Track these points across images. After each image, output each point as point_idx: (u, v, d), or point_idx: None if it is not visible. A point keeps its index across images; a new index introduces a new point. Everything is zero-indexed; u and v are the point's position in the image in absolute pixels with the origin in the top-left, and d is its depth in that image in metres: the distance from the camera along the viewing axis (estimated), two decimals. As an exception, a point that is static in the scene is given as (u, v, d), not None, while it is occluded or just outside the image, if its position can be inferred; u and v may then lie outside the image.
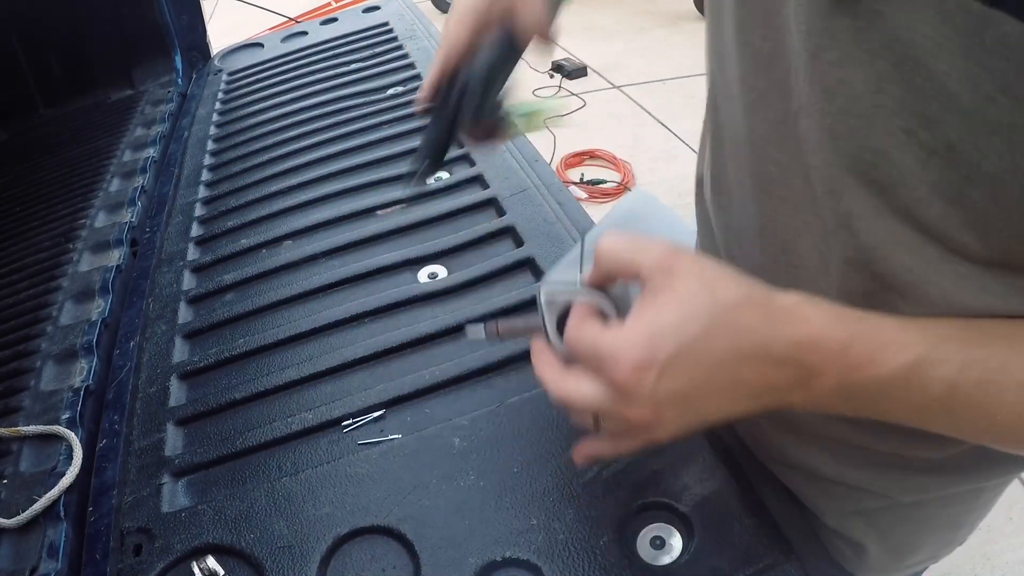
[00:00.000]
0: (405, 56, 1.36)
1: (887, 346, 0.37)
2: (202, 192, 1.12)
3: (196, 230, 1.03)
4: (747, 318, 0.38)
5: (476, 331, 0.51)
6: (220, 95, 1.42)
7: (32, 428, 0.75)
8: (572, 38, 4.23)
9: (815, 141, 0.42)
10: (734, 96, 0.50)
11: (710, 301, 0.38)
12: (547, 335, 0.46)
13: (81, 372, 0.83)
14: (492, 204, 0.93)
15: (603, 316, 0.44)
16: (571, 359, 0.43)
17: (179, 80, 1.56)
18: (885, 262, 0.41)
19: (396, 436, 0.66)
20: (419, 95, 0.62)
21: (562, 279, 0.46)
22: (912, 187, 0.38)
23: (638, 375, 0.38)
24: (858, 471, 0.56)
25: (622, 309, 0.44)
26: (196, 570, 0.59)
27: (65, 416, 0.76)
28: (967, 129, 0.34)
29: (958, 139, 0.34)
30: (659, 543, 0.54)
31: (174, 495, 0.66)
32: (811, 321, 0.38)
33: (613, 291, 0.45)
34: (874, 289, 0.43)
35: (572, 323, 0.43)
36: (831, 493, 0.59)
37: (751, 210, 0.52)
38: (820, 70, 0.39)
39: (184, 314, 0.88)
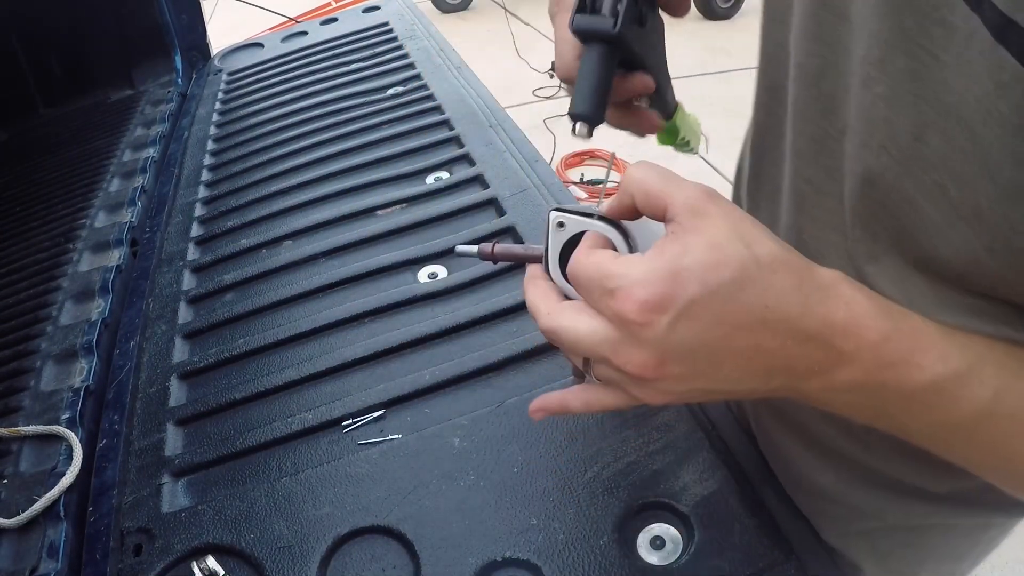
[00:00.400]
0: (405, 56, 1.36)
1: (927, 351, 0.34)
2: (202, 192, 1.12)
3: (196, 230, 1.03)
4: (782, 281, 0.34)
5: (467, 250, 0.48)
6: (220, 95, 1.42)
7: (32, 428, 0.75)
8: (572, 38, 4.23)
9: (852, 166, 0.40)
10: (782, 101, 0.48)
11: (745, 253, 0.34)
12: (547, 265, 0.41)
13: (81, 372, 0.83)
14: (492, 204, 0.93)
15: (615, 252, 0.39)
16: (570, 295, 0.38)
17: (179, 80, 1.56)
18: (900, 302, 0.39)
19: (396, 436, 0.66)
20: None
21: (577, 207, 0.40)
22: (934, 242, 0.36)
23: (650, 314, 0.33)
24: (861, 491, 0.54)
25: (640, 251, 0.38)
26: (196, 570, 0.59)
27: (65, 416, 0.76)
28: (1001, 200, 0.31)
29: (989, 208, 0.32)
30: (659, 543, 0.54)
31: (174, 495, 0.66)
32: (852, 304, 0.34)
33: (632, 228, 0.40)
34: None
35: (582, 248, 0.38)
36: (831, 511, 0.57)
37: (783, 220, 0.51)
38: (868, 100, 0.37)
39: (184, 314, 0.88)
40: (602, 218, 0.39)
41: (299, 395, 0.74)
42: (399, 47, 1.40)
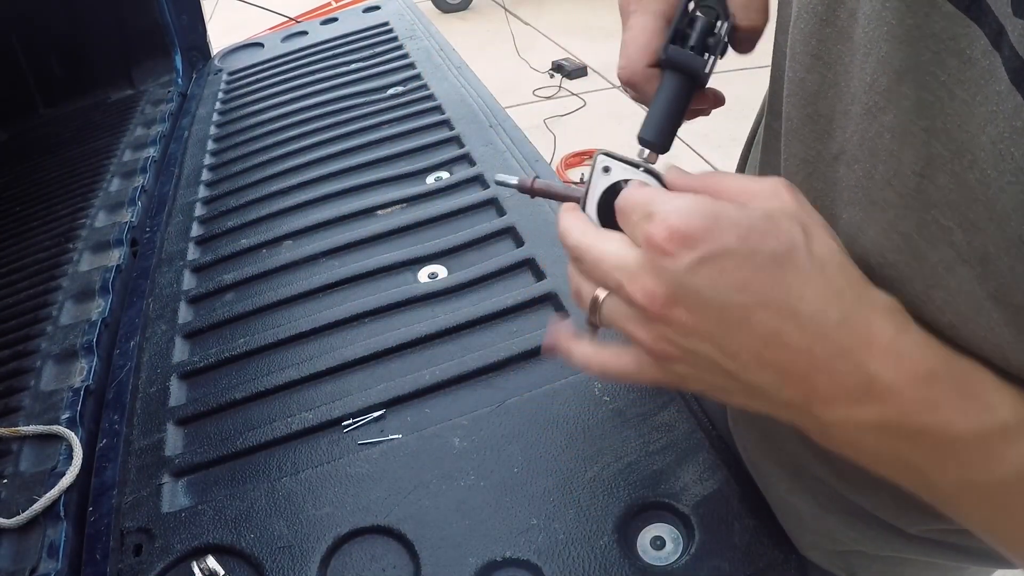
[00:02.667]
0: (405, 56, 1.36)
1: (976, 397, 0.30)
2: (202, 192, 1.12)
3: (196, 230, 1.03)
4: (829, 281, 0.31)
5: (507, 179, 0.48)
6: (220, 95, 1.42)
7: (32, 428, 0.75)
8: (572, 38, 4.24)
9: (849, 194, 0.37)
10: (779, 115, 0.46)
11: (800, 238, 0.32)
12: (584, 204, 0.40)
13: (81, 372, 0.83)
14: (492, 204, 0.93)
15: None
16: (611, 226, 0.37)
17: (179, 80, 1.56)
18: None
19: (396, 436, 0.66)
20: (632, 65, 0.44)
21: (624, 156, 0.39)
22: (929, 285, 0.33)
23: (676, 244, 0.31)
24: (835, 518, 0.51)
25: None
26: (196, 570, 0.59)
27: (65, 416, 0.76)
28: (1008, 249, 0.29)
29: (995, 254, 0.29)
30: (659, 543, 0.54)
31: (174, 495, 0.66)
32: (900, 330, 0.31)
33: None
34: None
35: (634, 183, 0.37)
36: (810, 529, 0.55)
37: None
38: (873, 130, 0.34)
39: (184, 314, 0.88)
40: (648, 170, 0.38)
41: (299, 395, 0.74)
42: (399, 47, 1.40)
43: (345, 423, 0.69)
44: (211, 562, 0.59)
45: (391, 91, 1.25)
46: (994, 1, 0.28)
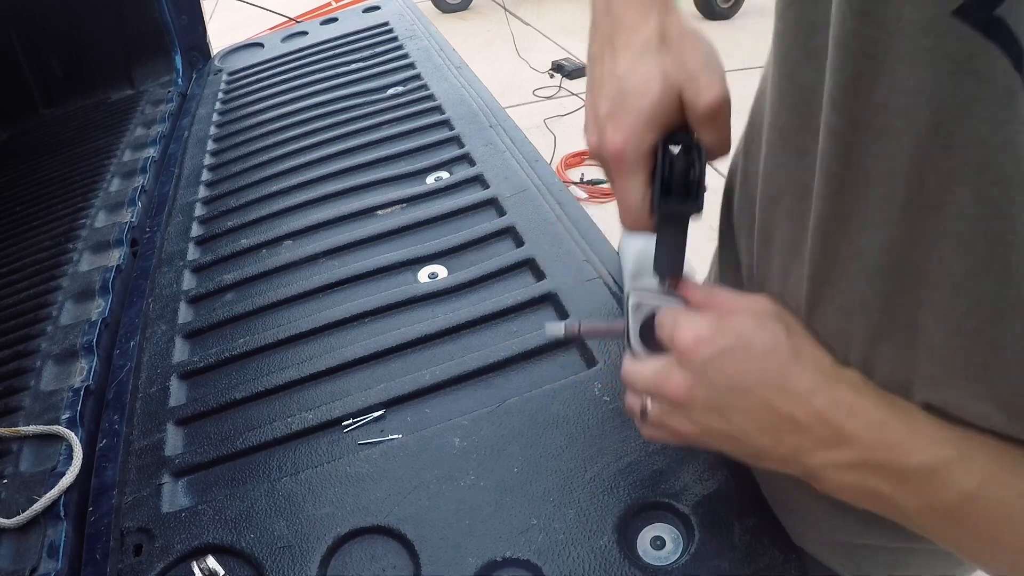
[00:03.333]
0: (405, 56, 1.36)
1: (918, 436, 0.38)
2: (202, 192, 1.12)
3: (196, 230, 1.03)
4: (804, 364, 0.41)
5: (556, 328, 0.55)
6: (220, 95, 1.42)
7: (32, 428, 0.75)
8: (572, 38, 4.24)
9: (872, 217, 0.39)
10: (766, 124, 0.46)
11: (782, 334, 0.42)
12: (628, 338, 0.48)
13: (81, 372, 0.83)
14: (492, 204, 0.93)
15: None
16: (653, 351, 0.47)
17: (179, 80, 1.56)
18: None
19: (396, 436, 0.66)
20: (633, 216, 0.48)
21: (647, 287, 0.48)
22: (930, 304, 0.36)
23: (696, 343, 0.43)
24: (838, 510, 0.51)
25: None
26: (196, 570, 0.59)
27: (65, 416, 0.76)
28: None
29: (1017, 264, 0.32)
30: (659, 543, 0.54)
31: (174, 495, 0.66)
32: (859, 392, 0.40)
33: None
34: None
35: (663, 310, 0.47)
36: (816, 523, 0.55)
37: (746, 248, 0.51)
38: (892, 149, 0.36)
39: (184, 314, 0.88)
40: (671, 295, 0.48)
41: (299, 395, 0.74)
42: (399, 47, 1.40)
43: (345, 423, 0.69)
44: (211, 562, 0.59)
45: (391, 91, 1.25)
46: (1016, 22, 0.28)
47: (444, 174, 1.02)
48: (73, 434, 0.73)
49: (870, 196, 0.37)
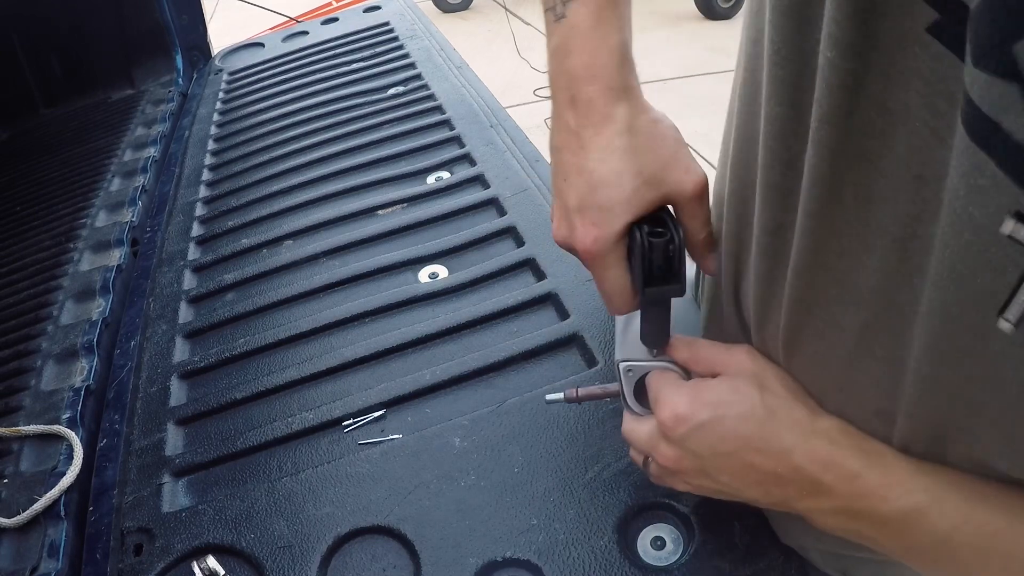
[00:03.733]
0: (406, 56, 1.36)
1: (892, 486, 0.39)
2: (203, 192, 1.12)
3: (197, 229, 1.03)
4: (779, 423, 0.43)
5: (555, 397, 0.59)
6: (221, 95, 1.42)
7: (33, 428, 0.75)
8: (573, 38, 4.23)
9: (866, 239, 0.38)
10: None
11: (756, 397, 0.44)
12: (624, 399, 0.52)
13: (82, 372, 0.83)
14: (493, 204, 0.93)
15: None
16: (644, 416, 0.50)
17: (180, 80, 1.56)
18: None
19: (396, 436, 0.66)
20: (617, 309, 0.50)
21: (635, 354, 0.52)
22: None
23: (674, 422, 0.45)
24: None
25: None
26: (196, 570, 0.59)
27: (66, 416, 0.76)
28: (973, 306, 0.31)
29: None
30: (659, 543, 0.54)
31: (174, 495, 0.66)
32: (835, 444, 0.42)
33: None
34: None
35: (656, 375, 0.49)
36: (808, 530, 0.56)
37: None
38: (867, 175, 0.34)
39: (185, 314, 0.88)
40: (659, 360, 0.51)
41: (299, 395, 0.74)
42: (400, 47, 1.40)
43: (345, 423, 0.69)
44: (211, 562, 0.59)
45: (392, 91, 1.25)
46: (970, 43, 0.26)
47: (445, 174, 1.02)
48: (73, 434, 0.73)
49: (855, 221, 0.36)
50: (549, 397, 0.59)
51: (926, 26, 0.28)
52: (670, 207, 0.46)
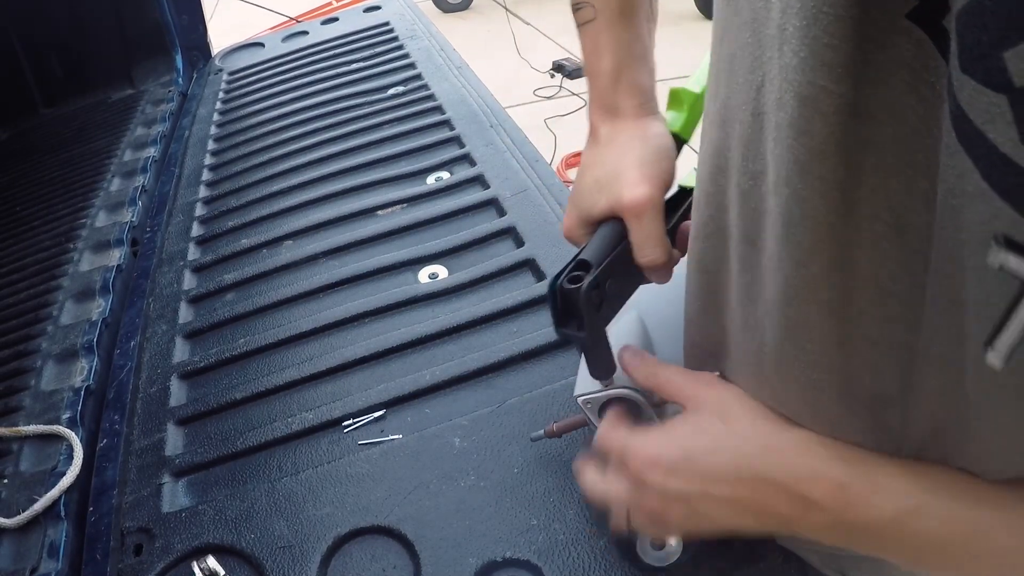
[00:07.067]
0: (406, 56, 1.36)
1: (879, 492, 0.39)
2: (203, 192, 1.12)
3: (197, 230, 1.03)
4: (751, 448, 0.43)
5: (538, 435, 0.60)
6: (221, 95, 1.42)
7: (33, 428, 0.75)
8: (573, 38, 4.23)
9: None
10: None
11: (721, 428, 0.44)
12: (594, 426, 0.52)
13: (81, 372, 0.83)
14: (493, 204, 0.93)
15: (635, 407, 0.51)
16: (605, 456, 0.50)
17: (180, 80, 1.56)
18: None
19: (396, 436, 0.67)
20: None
21: (590, 387, 0.52)
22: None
23: (648, 469, 0.44)
24: None
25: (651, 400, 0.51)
26: (196, 570, 0.59)
27: (66, 416, 0.76)
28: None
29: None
30: (659, 543, 0.54)
31: (174, 495, 0.66)
32: (815, 456, 0.41)
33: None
34: None
35: (604, 427, 0.49)
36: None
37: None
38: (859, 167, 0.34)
39: (185, 314, 0.88)
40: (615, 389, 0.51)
41: (299, 395, 0.74)
42: (400, 47, 1.40)
43: (345, 423, 0.69)
44: (211, 562, 0.59)
45: (392, 91, 1.25)
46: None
47: (445, 174, 1.02)
48: (73, 434, 0.73)
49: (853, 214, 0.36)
50: (533, 436, 0.61)
51: (906, 12, 0.27)
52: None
